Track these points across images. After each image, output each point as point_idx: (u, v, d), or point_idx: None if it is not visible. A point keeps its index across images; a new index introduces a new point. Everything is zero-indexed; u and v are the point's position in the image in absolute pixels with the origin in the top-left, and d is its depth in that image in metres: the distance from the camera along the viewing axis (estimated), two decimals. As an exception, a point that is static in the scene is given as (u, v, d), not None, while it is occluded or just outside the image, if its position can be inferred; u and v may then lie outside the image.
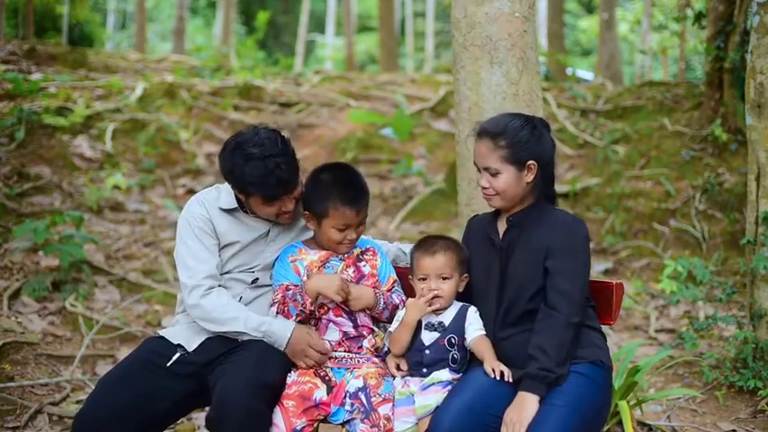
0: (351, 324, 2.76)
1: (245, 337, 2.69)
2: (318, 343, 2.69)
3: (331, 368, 2.72)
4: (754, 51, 4.04)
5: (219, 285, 2.77)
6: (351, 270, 2.79)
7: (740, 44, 6.87)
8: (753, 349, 4.03)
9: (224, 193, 2.85)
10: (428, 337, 2.69)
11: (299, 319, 2.70)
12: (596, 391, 2.55)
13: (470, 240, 2.83)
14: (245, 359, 2.61)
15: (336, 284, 2.63)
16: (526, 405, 2.45)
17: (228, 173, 2.73)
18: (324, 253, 2.78)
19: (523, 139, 2.62)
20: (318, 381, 2.67)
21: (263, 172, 2.64)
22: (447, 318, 2.70)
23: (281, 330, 2.67)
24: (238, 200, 2.82)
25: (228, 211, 2.82)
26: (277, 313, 2.70)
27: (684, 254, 6.33)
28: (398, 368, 2.73)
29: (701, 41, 9.12)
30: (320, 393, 2.64)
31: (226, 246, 2.80)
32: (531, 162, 2.62)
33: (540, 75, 3.58)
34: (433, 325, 2.69)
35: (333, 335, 2.75)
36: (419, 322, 2.70)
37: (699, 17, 7.69)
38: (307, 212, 2.76)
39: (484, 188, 2.67)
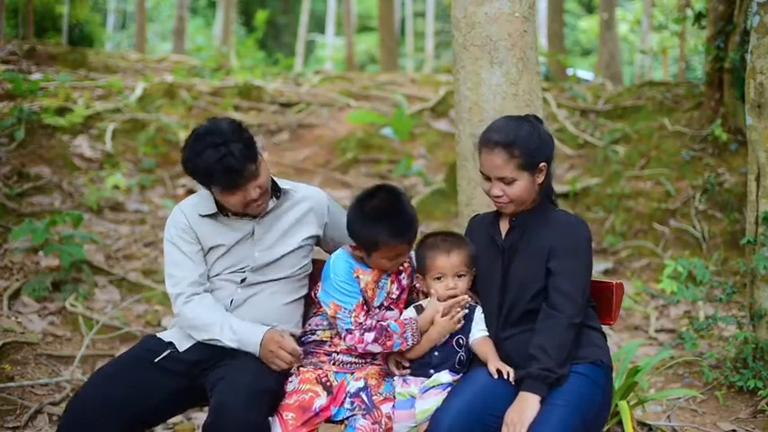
0: None
1: (224, 345, 2.68)
2: (289, 345, 2.64)
3: (335, 372, 2.70)
4: (754, 51, 4.04)
5: (204, 291, 2.77)
6: (395, 286, 2.75)
7: (740, 44, 6.87)
8: (753, 349, 4.03)
9: (204, 199, 2.82)
10: None
11: (394, 351, 2.65)
12: (597, 391, 2.56)
13: (472, 240, 2.83)
14: (244, 366, 2.60)
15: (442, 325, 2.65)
16: (527, 405, 2.45)
17: (185, 167, 2.66)
18: (375, 272, 2.70)
19: (535, 144, 2.61)
20: (319, 388, 2.64)
21: (213, 160, 2.56)
22: None
23: (252, 335, 2.66)
24: (218, 203, 2.79)
25: (209, 216, 2.80)
26: (374, 341, 2.60)
27: (684, 254, 6.32)
28: (399, 366, 2.73)
29: (701, 41, 9.13)
30: (321, 401, 2.61)
31: (211, 249, 2.80)
32: (542, 164, 2.64)
33: (540, 75, 3.58)
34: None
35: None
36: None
37: (699, 17, 7.69)
38: (356, 244, 2.68)
39: (497, 197, 2.64)
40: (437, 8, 28.13)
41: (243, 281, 2.81)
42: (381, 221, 2.58)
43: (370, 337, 2.60)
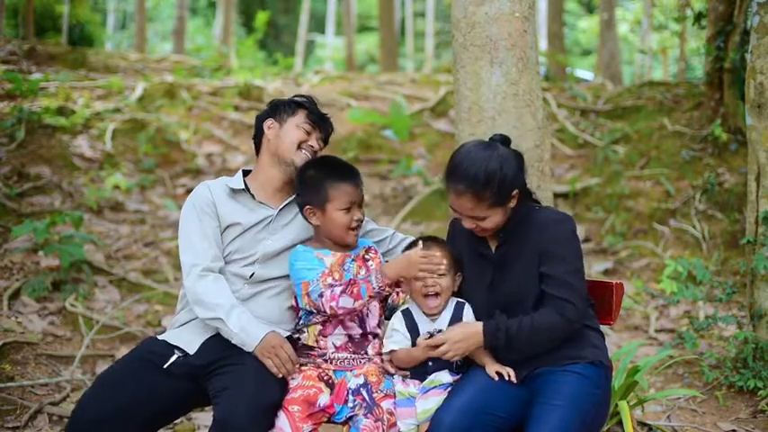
0: (359, 329, 2.75)
1: (224, 330, 2.68)
2: (289, 349, 2.66)
3: (334, 371, 2.71)
4: (754, 51, 4.04)
5: (220, 271, 2.78)
6: (363, 270, 2.77)
7: (740, 44, 6.87)
8: (753, 349, 4.03)
9: (233, 178, 2.93)
10: None
11: (369, 302, 2.66)
12: (596, 392, 2.56)
13: (455, 244, 2.80)
14: (248, 376, 2.60)
15: (416, 264, 2.60)
16: (472, 335, 2.56)
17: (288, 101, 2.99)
18: (339, 255, 2.75)
19: (504, 179, 2.54)
20: (322, 385, 2.65)
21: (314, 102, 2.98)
22: (443, 323, 2.69)
23: (256, 329, 2.66)
24: (245, 185, 2.88)
25: (235, 193, 2.87)
26: (342, 293, 2.61)
27: (684, 254, 6.32)
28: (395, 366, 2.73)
29: (701, 41, 9.13)
30: (324, 399, 2.63)
31: (228, 227, 2.83)
32: (514, 192, 2.60)
33: (540, 75, 3.57)
34: (432, 334, 2.66)
35: (337, 339, 2.72)
36: (418, 331, 2.69)
37: (699, 17, 7.69)
38: (308, 207, 2.76)
39: (471, 227, 2.63)
40: (437, 8, 28.11)
41: (252, 276, 2.81)
42: (323, 170, 2.77)
43: (338, 290, 2.62)
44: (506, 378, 2.56)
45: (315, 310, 2.69)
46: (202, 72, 12.60)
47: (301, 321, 2.78)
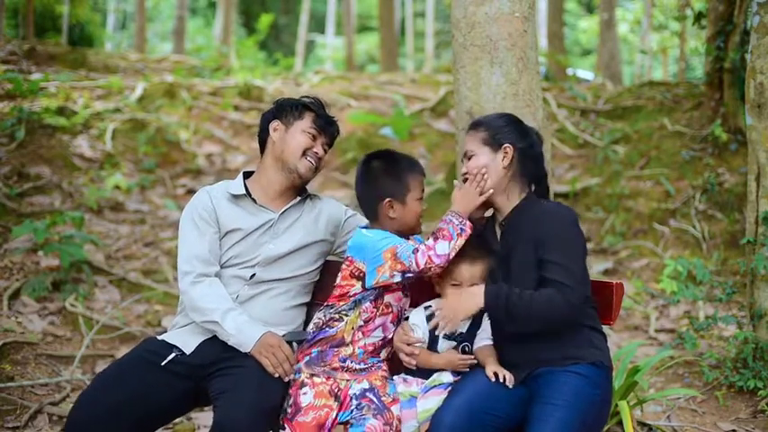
0: (392, 331, 2.73)
1: (221, 332, 2.67)
2: (287, 349, 2.64)
3: (348, 380, 2.67)
4: (754, 51, 4.04)
5: (216, 275, 2.77)
6: None
7: (740, 44, 6.87)
8: (753, 349, 4.03)
9: (234, 183, 2.91)
10: (444, 345, 2.67)
11: (458, 242, 2.59)
12: (596, 392, 2.55)
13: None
14: (249, 379, 2.59)
15: (470, 191, 2.64)
16: (471, 294, 2.55)
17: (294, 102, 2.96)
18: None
19: (502, 123, 2.73)
20: (332, 401, 2.63)
21: (322, 105, 2.95)
22: (464, 326, 2.69)
23: (252, 330, 2.65)
24: (246, 189, 2.87)
25: (235, 198, 2.85)
26: (436, 239, 2.57)
27: (684, 254, 6.32)
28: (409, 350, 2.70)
29: (701, 41, 9.13)
30: (333, 415, 2.61)
31: (228, 233, 2.82)
32: (506, 145, 2.67)
33: (539, 75, 3.57)
34: (452, 334, 2.67)
35: (375, 338, 2.70)
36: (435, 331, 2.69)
37: (699, 17, 7.69)
38: (389, 200, 2.68)
39: (463, 174, 2.73)
40: (437, 8, 28.10)
41: (252, 276, 2.81)
42: (396, 162, 2.76)
43: (431, 240, 2.60)
44: (501, 381, 2.55)
45: (400, 274, 2.59)
46: (202, 72, 12.61)
47: (343, 307, 2.69)
